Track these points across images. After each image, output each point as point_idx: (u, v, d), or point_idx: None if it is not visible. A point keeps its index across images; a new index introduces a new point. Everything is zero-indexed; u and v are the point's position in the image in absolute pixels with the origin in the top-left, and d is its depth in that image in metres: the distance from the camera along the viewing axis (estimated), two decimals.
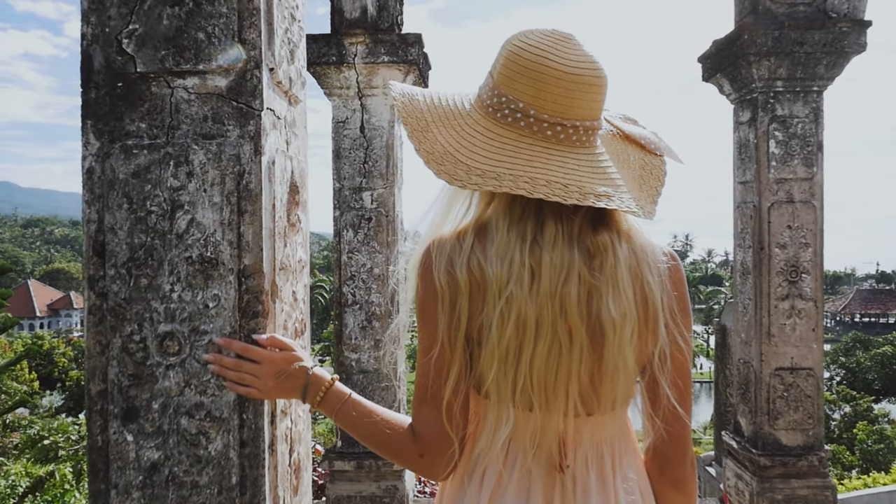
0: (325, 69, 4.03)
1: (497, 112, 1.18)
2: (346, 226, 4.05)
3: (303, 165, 1.68)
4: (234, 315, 1.39)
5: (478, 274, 1.16)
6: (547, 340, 1.13)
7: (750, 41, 3.91)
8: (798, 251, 4.06)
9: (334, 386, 1.40)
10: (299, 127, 1.70)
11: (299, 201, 1.61)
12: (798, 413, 4.08)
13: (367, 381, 4.02)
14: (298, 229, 1.62)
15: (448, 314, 1.19)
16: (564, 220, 1.15)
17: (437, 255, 1.22)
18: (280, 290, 1.48)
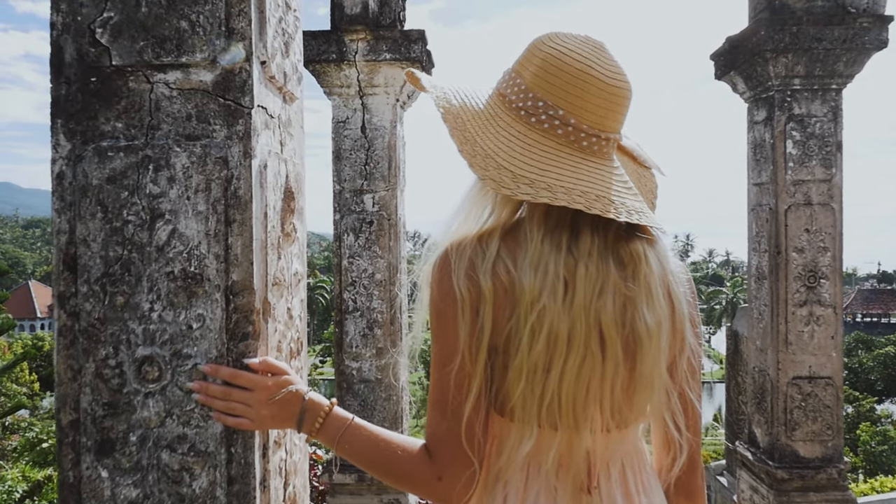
0: (324, 67, 3.88)
1: (531, 116, 1.13)
2: (347, 229, 3.90)
3: (299, 169, 1.54)
4: (220, 337, 1.24)
5: (505, 281, 1.10)
6: (579, 355, 1.08)
7: (767, 37, 3.76)
8: (816, 255, 3.91)
9: (333, 411, 1.27)
10: (295, 127, 1.55)
11: (295, 208, 1.47)
12: (816, 424, 3.93)
13: (368, 390, 3.87)
14: (294, 239, 1.47)
15: (469, 323, 1.11)
16: (599, 231, 1.12)
17: (456, 259, 1.13)
18: (273, 308, 1.33)
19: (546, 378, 1.09)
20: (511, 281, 1.10)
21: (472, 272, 1.11)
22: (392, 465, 1.20)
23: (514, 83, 1.16)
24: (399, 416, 3.92)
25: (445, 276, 1.13)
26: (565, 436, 1.13)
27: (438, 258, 1.16)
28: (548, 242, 1.10)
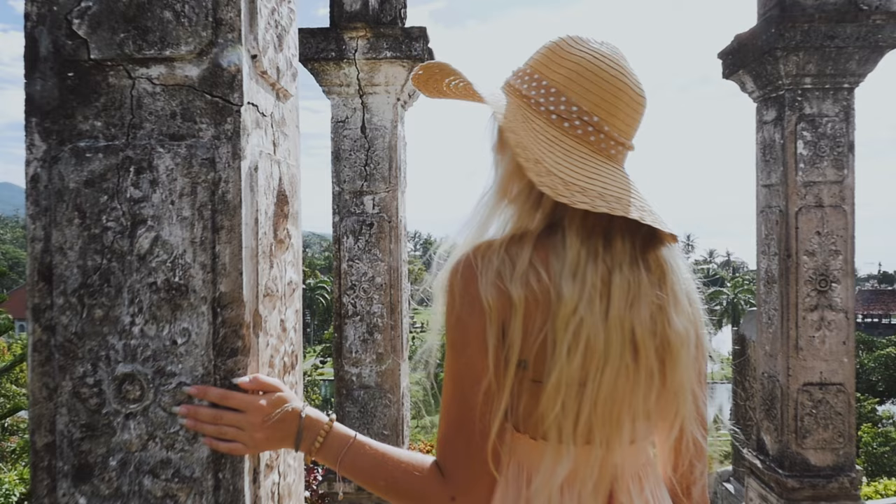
0: (323, 65, 3.78)
1: (564, 121, 1.09)
2: (347, 232, 3.80)
3: (294, 171, 1.44)
4: (207, 353, 1.14)
5: (536, 290, 1.04)
6: (614, 367, 1.04)
7: (777, 35, 3.66)
8: (828, 259, 3.81)
9: (334, 429, 1.18)
10: (290, 126, 1.46)
11: (289, 213, 1.37)
12: (828, 431, 3.83)
13: (368, 396, 3.77)
14: (288, 246, 1.37)
15: (496, 336, 1.05)
16: (627, 238, 1.09)
17: (481, 267, 1.06)
18: (265, 321, 1.24)
19: (582, 394, 1.04)
20: (543, 290, 1.04)
21: (499, 281, 1.04)
22: (400, 484, 1.12)
23: (541, 85, 1.10)
24: (400, 423, 3.82)
25: (470, 284, 1.06)
26: (599, 452, 1.08)
27: (460, 265, 1.08)
28: (584, 250, 1.06)
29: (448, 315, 1.08)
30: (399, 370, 3.81)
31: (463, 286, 1.06)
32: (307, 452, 1.19)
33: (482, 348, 1.05)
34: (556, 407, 1.04)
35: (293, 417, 1.17)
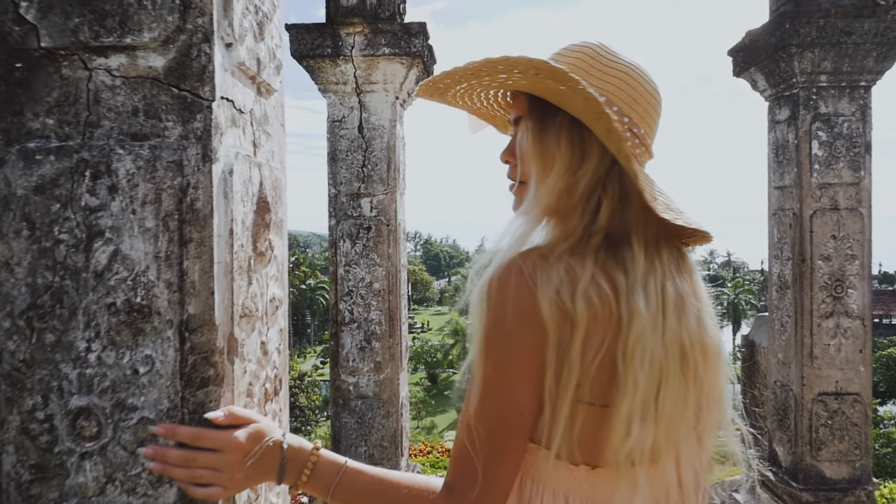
0: (319, 62, 3.63)
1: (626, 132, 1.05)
2: (343, 236, 3.66)
3: (278, 175, 1.29)
4: (174, 384, 1.00)
5: (598, 305, 0.95)
6: (674, 383, 0.98)
7: (792, 31, 3.51)
8: (843, 264, 3.66)
9: (322, 457, 1.06)
10: (273, 124, 1.31)
11: (271, 222, 1.22)
12: (843, 443, 3.68)
13: (366, 407, 3.63)
14: (270, 259, 1.23)
15: (555, 356, 0.95)
16: (672, 245, 1.06)
17: (538, 279, 0.95)
18: (241, 345, 1.09)
19: (650, 414, 0.96)
20: (606, 307, 0.95)
21: (560, 296, 0.94)
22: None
23: (593, 95, 1.00)
24: (399, 434, 3.68)
25: (524, 298, 0.95)
26: (669, 474, 1.02)
27: (510, 275, 0.96)
28: (649, 263, 1.00)
29: (491, 329, 0.96)
30: (398, 379, 3.66)
31: (516, 299, 0.95)
32: (293, 486, 1.07)
33: (531, 368, 0.96)
34: (631, 432, 0.95)
35: (275, 451, 1.04)
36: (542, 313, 0.93)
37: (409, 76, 3.68)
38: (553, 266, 0.96)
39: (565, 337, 0.94)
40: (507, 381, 0.96)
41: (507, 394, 0.96)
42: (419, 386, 51.28)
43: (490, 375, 0.97)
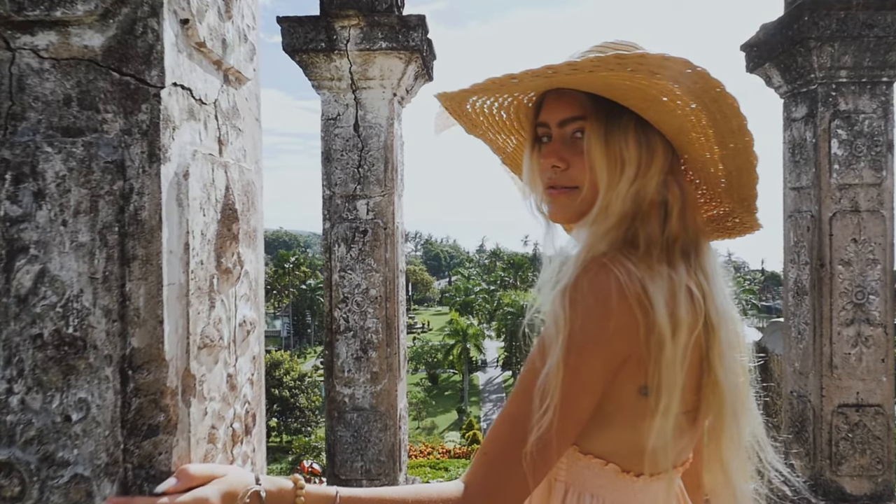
0: (312, 57, 3.45)
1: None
2: (338, 240, 3.47)
3: (250, 177, 1.11)
4: (114, 433, 0.82)
5: (699, 313, 0.97)
6: (748, 386, 1.07)
7: (811, 23, 3.33)
8: (865, 269, 3.48)
9: (309, 495, 0.91)
10: (245, 119, 1.13)
11: (240, 232, 1.04)
12: (865, 457, 3.50)
13: (362, 420, 3.44)
14: (239, 276, 1.04)
15: (664, 369, 0.94)
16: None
17: (650, 289, 0.93)
18: (200, 382, 0.91)
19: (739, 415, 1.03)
20: (701, 312, 0.97)
21: (669, 304, 0.93)
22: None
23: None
24: (397, 448, 3.49)
25: (622, 306, 0.92)
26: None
27: (605, 283, 0.93)
28: (716, 260, 1.05)
29: (578, 335, 0.92)
30: (396, 391, 3.48)
31: (617, 308, 0.91)
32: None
33: (607, 377, 0.94)
34: (715, 437, 1.03)
35: (253, 502, 0.86)
36: (655, 322, 0.91)
37: (407, 72, 3.49)
38: (657, 276, 0.94)
39: (676, 347, 0.93)
40: (583, 389, 0.93)
41: (577, 402, 0.94)
42: (419, 386, 51.12)
43: (568, 381, 0.92)
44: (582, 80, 0.95)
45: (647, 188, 0.99)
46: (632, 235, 0.99)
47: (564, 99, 1.03)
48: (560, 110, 1.03)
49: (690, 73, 0.88)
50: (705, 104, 0.93)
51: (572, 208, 1.04)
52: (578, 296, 0.92)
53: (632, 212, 0.99)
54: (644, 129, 0.99)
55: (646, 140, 0.99)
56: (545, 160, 1.05)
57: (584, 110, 1.01)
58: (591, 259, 0.97)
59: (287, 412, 35.71)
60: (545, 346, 0.94)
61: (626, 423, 0.98)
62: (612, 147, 0.99)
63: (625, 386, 0.95)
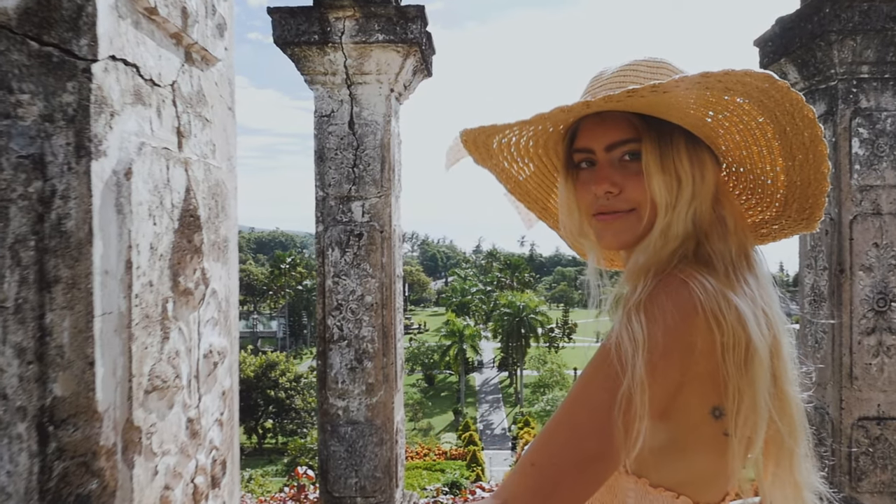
0: (305, 50, 3.26)
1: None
2: (332, 243, 3.28)
3: (220, 176, 0.93)
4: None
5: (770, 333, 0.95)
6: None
7: (832, 15, 3.15)
8: (887, 274, 3.30)
9: None
10: (215, 107, 0.94)
11: (204, 244, 0.85)
12: (886, 473, 3.32)
13: (356, 434, 3.25)
14: (203, 297, 0.86)
15: (741, 394, 0.92)
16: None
17: (739, 303, 0.92)
18: (148, 435, 0.72)
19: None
20: (772, 332, 0.95)
21: (759, 326, 0.92)
22: None
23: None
24: (393, 463, 3.31)
25: (703, 325, 0.89)
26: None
27: (688, 302, 0.91)
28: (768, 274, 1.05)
29: (659, 347, 0.89)
30: (392, 403, 3.29)
31: (698, 321, 0.89)
32: None
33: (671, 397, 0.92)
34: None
35: None
36: (738, 342, 0.88)
37: (405, 66, 3.31)
38: (741, 293, 0.92)
39: (764, 368, 0.91)
40: (651, 405, 0.89)
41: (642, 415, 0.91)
42: (416, 387, 50.93)
43: (647, 396, 0.88)
44: (642, 103, 0.93)
45: (704, 205, 0.99)
46: (700, 254, 0.98)
47: (610, 122, 1.01)
48: (607, 134, 1.01)
49: (768, 87, 0.88)
50: (775, 117, 0.94)
51: (630, 232, 1.02)
52: (657, 311, 0.90)
53: (693, 231, 0.98)
54: (694, 144, 0.99)
55: (697, 156, 0.99)
56: (596, 187, 1.02)
57: (637, 132, 1.00)
58: (665, 274, 0.95)
59: (283, 414, 35.56)
60: (616, 360, 0.90)
61: (697, 449, 0.95)
62: (667, 166, 0.98)
63: (695, 407, 0.92)
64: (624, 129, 1.01)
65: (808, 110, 0.91)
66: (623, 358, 0.89)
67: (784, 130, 0.95)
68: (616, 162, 1.02)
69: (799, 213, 1.07)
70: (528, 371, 54.66)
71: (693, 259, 0.97)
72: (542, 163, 1.18)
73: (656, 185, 0.97)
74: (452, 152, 1.19)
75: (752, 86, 0.88)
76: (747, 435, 0.91)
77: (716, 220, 1.00)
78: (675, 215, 0.97)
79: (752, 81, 0.87)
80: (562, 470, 0.88)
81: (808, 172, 0.99)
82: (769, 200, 1.09)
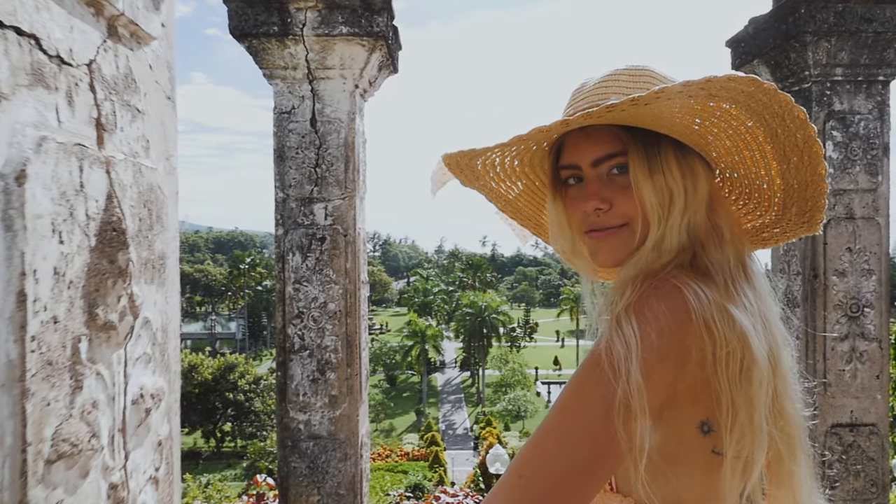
0: (263, 42, 3.06)
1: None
2: (293, 248, 3.10)
3: (154, 179, 0.76)
4: None
5: (772, 343, 0.94)
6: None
7: (808, 16, 3.10)
8: (860, 280, 3.27)
9: None
10: (150, 96, 0.77)
11: (132, 265, 0.69)
12: (859, 480, 3.29)
13: (319, 449, 3.07)
14: (131, 331, 0.69)
15: (739, 411, 0.88)
16: None
17: (740, 321, 0.87)
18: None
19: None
20: (769, 345, 0.93)
21: (758, 339, 0.90)
22: None
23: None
24: (358, 479, 3.14)
25: (699, 336, 0.87)
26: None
27: (682, 310, 0.88)
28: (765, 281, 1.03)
29: (654, 350, 0.86)
30: (357, 415, 3.12)
31: (692, 327, 0.86)
32: None
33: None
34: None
35: None
36: (754, 359, 0.86)
37: (370, 61, 3.14)
38: (740, 304, 0.90)
39: (763, 383, 0.89)
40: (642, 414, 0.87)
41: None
42: (378, 388, 50.62)
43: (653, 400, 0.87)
44: (627, 115, 0.90)
45: (698, 216, 0.97)
46: (698, 264, 0.95)
47: (595, 136, 0.99)
48: (592, 149, 0.99)
49: (753, 90, 0.85)
50: (765, 120, 0.91)
51: (624, 248, 0.99)
52: (649, 313, 0.87)
53: (689, 242, 0.96)
54: (683, 152, 0.97)
55: (687, 165, 0.97)
56: (585, 204, 0.99)
57: (623, 145, 0.97)
58: (657, 278, 0.92)
59: (242, 416, 34.96)
60: (608, 366, 0.86)
61: (684, 466, 0.91)
62: (657, 178, 0.95)
63: (683, 420, 0.89)
64: (610, 143, 0.98)
65: (799, 111, 0.89)
66: (616, 363, 0.85)
67: (775, 133, 0.93)
68: (604, 176, 0.99)
69: (799, 217, 1.05)
70: (489, 371, 54.90)
71: (690, 269, 0.95)
72: (531, 180, 1.15)
73: (647, 197, 0.95)
74: (437, 176, 1.16)
75: (736, 90, 0.86)
76: (744, 455, 0.87)
77: (711, 228, 0.98)
78: (668, 227, 0.95)
79: (736, 86, 0.85)
80: (553, 481, 0.85)
81: (804, 175, 0.97)
82: (767, 204, 1.06)
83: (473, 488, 16.32)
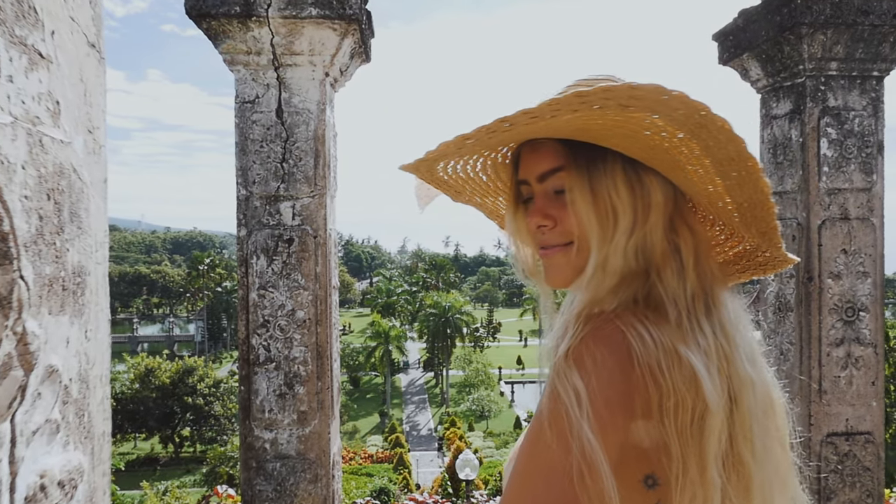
0: (224, 24, 2.78)
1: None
2: (257, 250, 2.82)
3: (68, 158, 0.51)
4: None
5: (723, 384, 0.86)
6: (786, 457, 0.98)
7: (804, 7, 2.96)
8: (855, 282, 3.15)
9: None
10: (60, 35, 0.53)
11: (21, 288, 0.44)
12: (854, 491, 3.17)
13: (287, 470, 2.81)
14: (22, 389, 0.44)
15: (714, 439, 0.83)
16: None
17: (692, 357, 0.84)
18: None
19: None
20: (725, 384, 0.86)
21: (710, 379, 0.83)
22: None
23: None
24: (329, 501, 2.88)
25: (641, 380, 0.81)
26: None
27: (622, 341, 0.83)
28: (736, 313, 0.96)
29: (600, 403, 0.80)
30: (328, 433, 2.86)
31: (634, 374, 0.81)
32: None
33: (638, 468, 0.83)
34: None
35: None
36: (707, 406, 0.80)
37: (342, 47, 2.88)
38: (693, 343, 0.84)
39: (713, 434, 0.83)
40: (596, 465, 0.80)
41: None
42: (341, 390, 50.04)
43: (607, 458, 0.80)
44: (546, 128, 0.86)
45: (652, 237, 0.92)
46: (646, 293, 0.90)
47: (541, 150, 0.97)
48: (539, 164, 0.97)
49: (667, 98, 0.77)
50: (693, 131, 0.83)
51: (569, 267, 0.96)
52: (588, 359, 0.83)
53: (641, 267, 0.92)
54: (635, 169, 0.92)
55: (638, 182, 0.92)
56: (529, 220, 0.98)
57: (561, 160, 0.94)
58: (598, 317, 0.88)
59: (201, 421, 34.19)
60: (556, 424, 0.81)
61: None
62: (599, 196, 0.91)
63: (626, 473, 0.83)
64: (552, 158, 0.96)
65: (721, 121, 0.80)
66: (566, 417, 0.81)
67: (707, 146, 0.85)
68: (550, 192, 0.97)
69: (763, 239, 0.98)
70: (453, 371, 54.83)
71: (643, 303, 0.90)
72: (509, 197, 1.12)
73: (585, 216, 0.92)
74: (420, 190, 1.14)
75: (648, 99, 0.78)
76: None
77: (671, 252, 0.92)
78: (612, 248, 0.91)
79: (645, 95, 0.77)
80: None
81: (748, 192, 0.89)
82: (733, 226, 1.00)
83: (442, 493, 16.09)
